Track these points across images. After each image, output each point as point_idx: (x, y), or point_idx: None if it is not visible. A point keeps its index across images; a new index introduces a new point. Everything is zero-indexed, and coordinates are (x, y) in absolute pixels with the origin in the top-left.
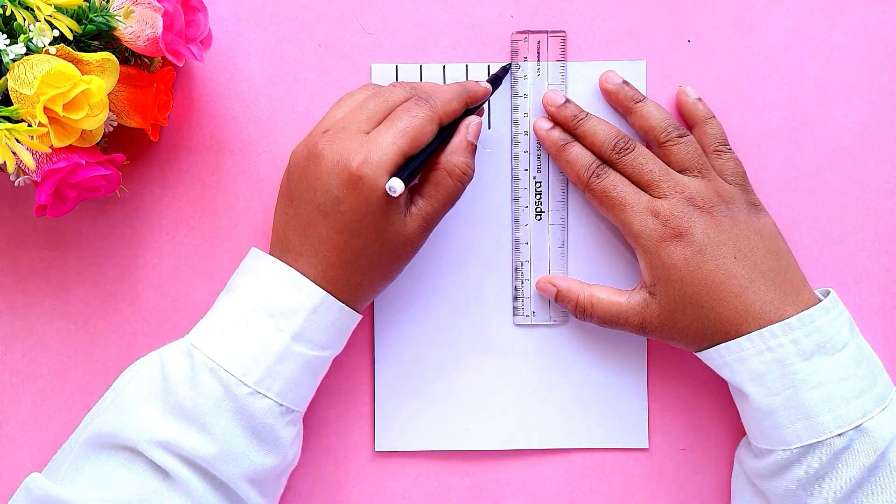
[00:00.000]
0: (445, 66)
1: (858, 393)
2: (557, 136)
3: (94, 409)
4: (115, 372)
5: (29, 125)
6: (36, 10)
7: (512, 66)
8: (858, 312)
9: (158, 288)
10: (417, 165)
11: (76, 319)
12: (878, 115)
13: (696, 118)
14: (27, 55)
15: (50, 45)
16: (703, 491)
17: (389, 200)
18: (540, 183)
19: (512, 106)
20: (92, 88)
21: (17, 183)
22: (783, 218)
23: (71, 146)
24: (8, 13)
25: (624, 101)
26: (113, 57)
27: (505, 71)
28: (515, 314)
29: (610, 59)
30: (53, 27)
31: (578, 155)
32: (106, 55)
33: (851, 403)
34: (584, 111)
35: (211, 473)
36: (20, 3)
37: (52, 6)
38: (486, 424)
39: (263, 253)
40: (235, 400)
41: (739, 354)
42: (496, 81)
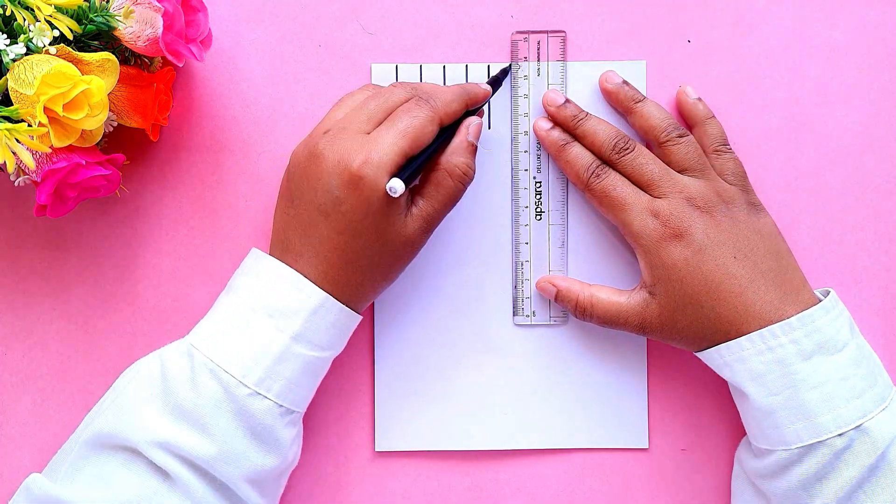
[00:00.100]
0: (445, 65)
1: (858, 393)
2: (557, 136)
3: (94, 409)
4: (115, 372)
5: (29, 125)
6: (36, 10)
7: (512, 66)
8: (858, 312)
9: (158, 288)
10: (418, 166)
11: (76, 319)
12: (878, 115)
13: (696, 118)
14: (27, 55)
15: (50, 45)
16: (703, 491)
17: (390, 201)
18: (540, 183)
19: (512, 106)
20: (92, 88)
21: (17, 183)
22: (783, 218)
23: (71, 146)
24: (8, 13)
25: (624, 101)
26: (113, 57)
27: (505, 73)
28: (515, 314)
29: (610, 59)
30: (53, 27)
31: (578, 155)
32: (106, 55)
33: (851, 403)
34: (583, 111)
35: (211, 474)
36: (20, 3)
37: (52, 6)
38: (486, 424)
39: (264, 253)
40: (235, 401)
41: (739, 354)
42: (496, 83)
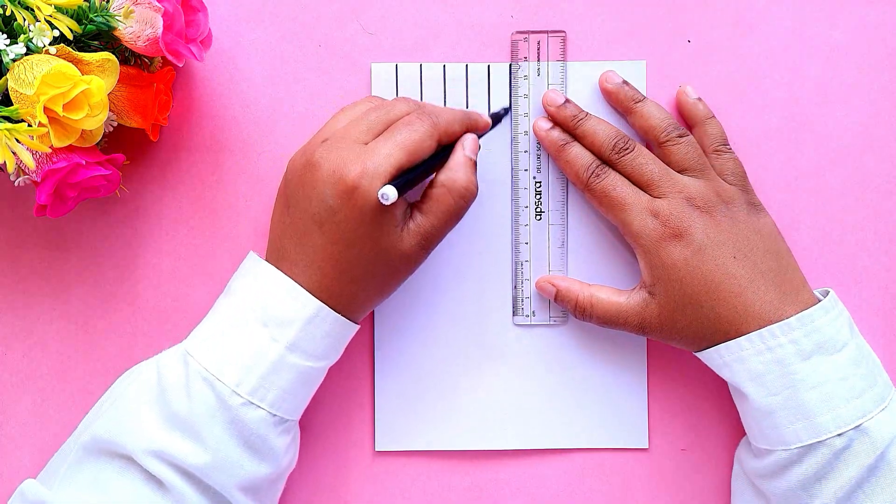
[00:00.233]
0: (445, 65)
1: (858, 393)
2: (557, 136)
3: (91, 412)
4: (115, 372)
5: (29, 125)
6: (36, 10)
7: (511, 109)
8: (858, 312)
9: (158, 288)
10: (413, 178)
11: (76, 319)
12: (878, 115)
13: (696, 118)
14: (27, 55)
15: (50, 45)
16: (703, 491)
17: (384, 212)
18: (540, 183)
19: (512, 106)
20: (92, 88)
21: (17, 183)
22: (783, 218)
23: (71, 146)
24: (8, 13)
25: (624, 101)
26: (113, 57)
27: (506, 111)
28: (515, 314)
29: (610, 59)
30: (53, 27)
31: (578, 155)
32: (106, 55)
33: (851, 403)
34: (583, 111)
35: (205, 483)
36: (20, 3)
37: (52, 6)
38: (486, 424)
39: (260, 259)
40: (229, 410)
41: (739, 354)
42: (496, 120)
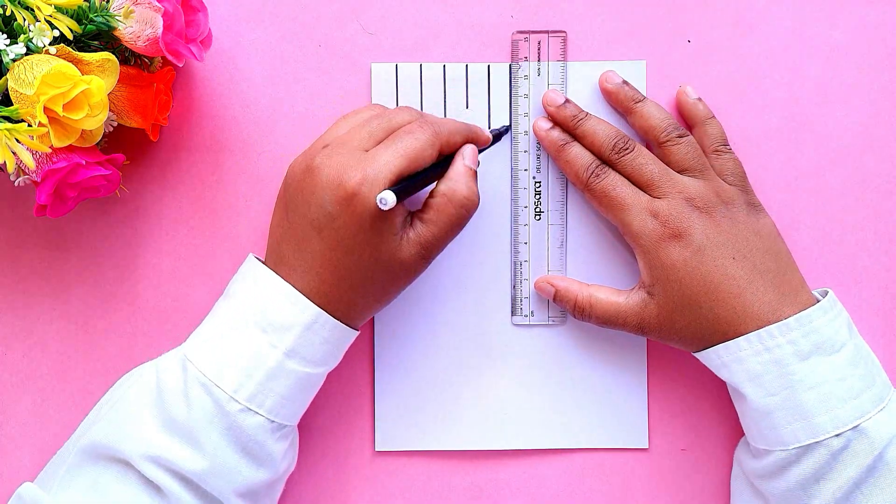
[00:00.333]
0: (445, 65)
1: (856, 393)
2: (557, 136)
3: (90, 415)
4: (115, 372)
5: (29, 125)
6: (36, 10)
7: (511, 128)
8: (858, 312)
9: (158, 288)
10: (413, 185)
11: (76, 319)
12: (878, 115)
13: (696, 118)
14: (27, 55)
15: (50, 45)
16: (703, 491)
17: (383, 219)
18: (539, 183)
19: (512, 106)
20: (92, 88)
21: (17, 183)
22: (783, 218)
23: (71, 146)
24: (8, 13)
25: (624, 101)
26: (113, 57)
27: (506, 129)
28: (514, 314)
29: (610, 59)
30: (53, 27)
31: (578, 155)
32: (106, 55)
33: (849, 404)
34: (583, 111)
35: (202, 488)
36: (20, 3)
37: (52, 6)
38: (486, 424)
39: (260, 263)
40: (226, 416)
41: (737, 355)
42: (497, 137)
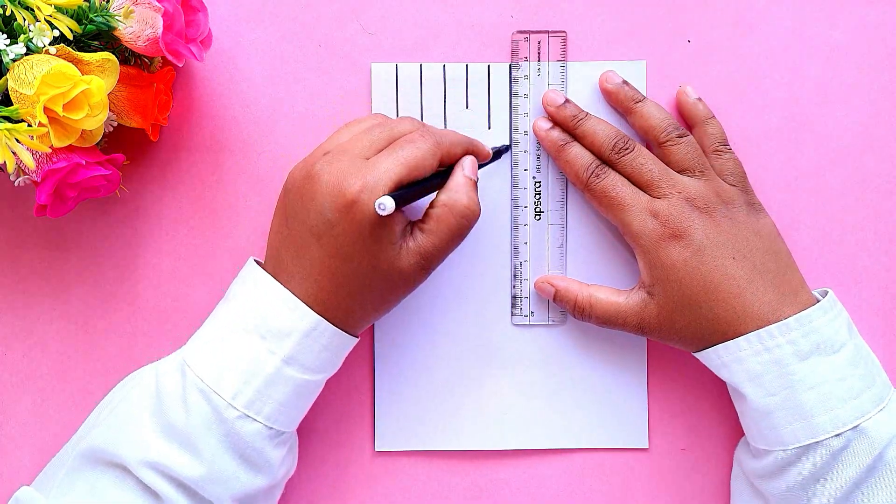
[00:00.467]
0: (445, 65)
1: (856, 393)
2: (557, 136)
3: (89, 419)
4: (115, 372)
5: (29, 125)
6: (36, 10)
7: (511, 143)
8: (858, 312)
9: (158, 288)
10: (413, 193)
11: (76, 319)
12: (878, 115)
13: (696, 118)
14: (27, 55)
15: (50, 45)
16: (703, 491)
17: (382, 227)
18: (539, 183)
19: (512, 106)
20: (92, 88)
21: (17, 183)
22: (783, 218)
23: (71, 146)
24: (8, 13)
25: (624, 101)
26: (113, 57)
27: (506, 148)
28: (514, 314)
29: (610, 59)
30: (53, 27)
31: (578, 155)
32: (106, 55)
33: (849, 404)
34: (583, 111)
35: (200, 495)
36: (20, 3)
37: (52, 6)
38: (486, 424)
39: (259, 268)
40: (224, 423)
41: (737, 355)
42: (497, 155)
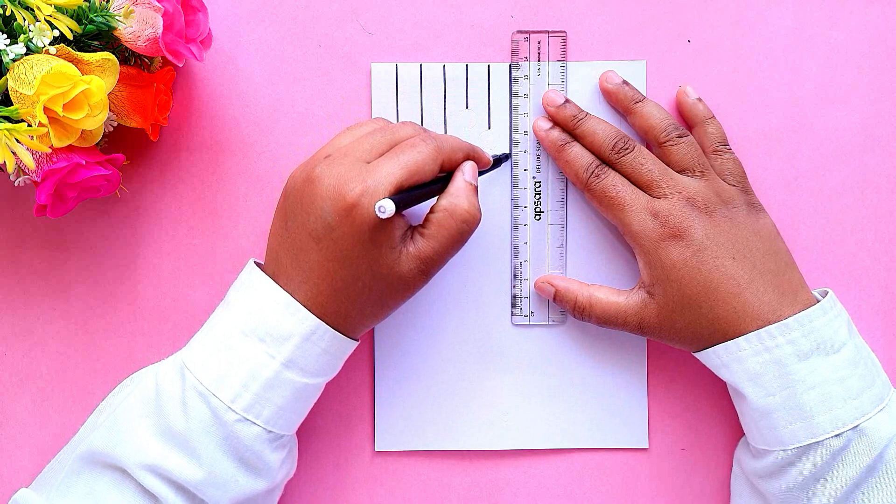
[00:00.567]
0: (445, 65)
1: (856, 393)
2: (557, 135)
3: (89, 421)
4: (115, 372)
5: (29, 125)
6: (36, 10)
7: (511, 152)
8: (858, 312)
9: (158, 288)
10: (413, 197)
11: (76, 319)
12: (878, 115)
13: (696, 118)
14: (27, 55)
15: (50, 45)
16: (703, 491)
17: (382, 230)
18: (539, 183)
19: (512, 106)
20: (92, 88)
21: (17, 183)
22: (783, 218)
23: (71, 146)
24: (8, 13)
25: (624, 101)
26: (113, 57)
27: (506, 157)
28: (514, 314)
29: (610, 59)
30: (53, 27)
31: (578, 155)
32: (106, 55)
33: (849, 404)
34: (583, 111)
35: (199, 498)
36: (20, 3)
37: (52, 6)
38: (486, 424)
39: (259, 271)
40: (223, 426)
41: (737, 355)
42: (497, 163)
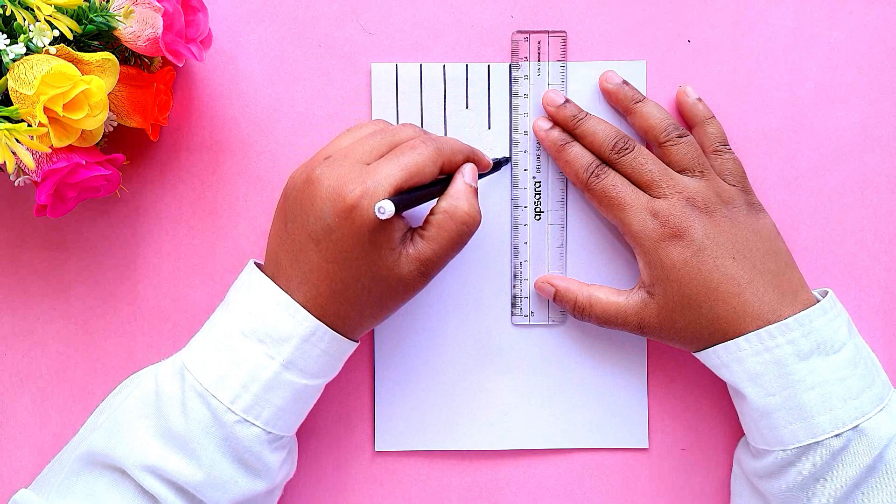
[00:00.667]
0: (445, 65)
1: (856, 393)
2: (557, 135)
3: (88, 422)
4: (115, 372)
5: (29, 125)
6: (36, 10)
7: (511, 156)
8: (858, 312)
9: (158, 288)
10: (413, 199)
11: (76, 319)
12: (878, 115)
13: (696, 118)
14: (27, 55)
15: (50, 45)
16: (703, 491)
17: (381, 232)
18: (539, 183)
19: (512, 106)
20: (92, 88)
21: (17, 183)
22: (783, 218)
23: (71, 146)
24: (8, 13)
25: (624, 101)
26: (113, 57)
27: (506, 160)
28: (514, 314)
29: (610, 59)
30: (53, 27)
31: (578, 155)
32: (106, 55)
33: (849, 404)
34: (583, 111)
35: (198, 499)
36: (20, 3)
37: (52, 6)
38: (486, 424)
39: (259, 272)
40: (223, 427)
41: (737, 355)
42: (497, 166)
